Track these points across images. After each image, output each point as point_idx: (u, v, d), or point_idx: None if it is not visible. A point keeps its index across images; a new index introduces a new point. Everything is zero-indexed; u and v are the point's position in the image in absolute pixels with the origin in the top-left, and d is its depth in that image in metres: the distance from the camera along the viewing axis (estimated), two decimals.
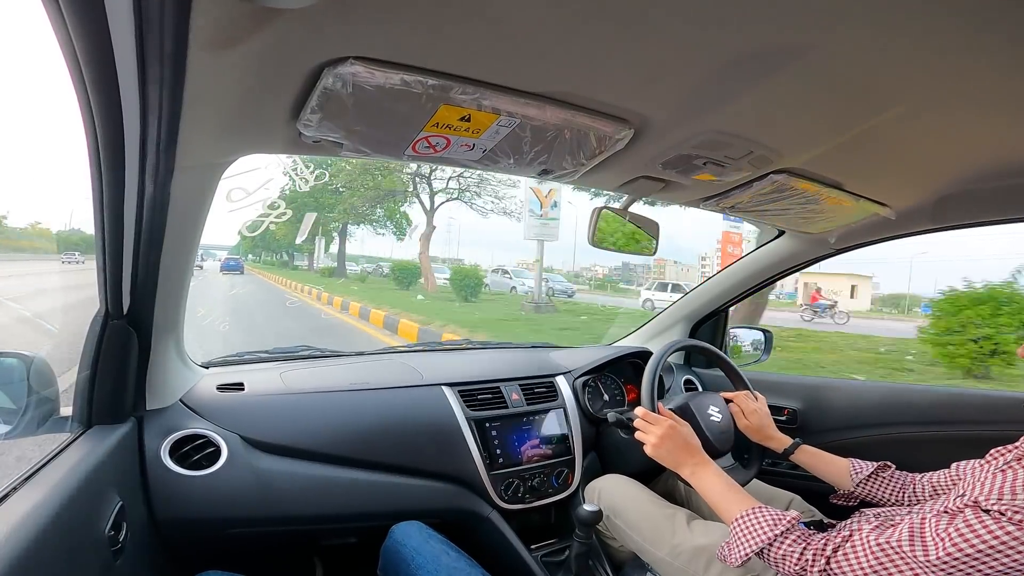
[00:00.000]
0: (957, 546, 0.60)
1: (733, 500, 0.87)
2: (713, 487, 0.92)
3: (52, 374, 0.87)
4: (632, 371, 1.59)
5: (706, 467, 0.95)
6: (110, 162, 0.61)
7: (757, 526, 0.79)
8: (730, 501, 0.87)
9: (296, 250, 24.28)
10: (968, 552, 0.60)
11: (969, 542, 0.60)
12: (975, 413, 1.23)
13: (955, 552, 0.60)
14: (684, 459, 0.97)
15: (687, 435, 1.00)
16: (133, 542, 0.81)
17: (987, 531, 0.60)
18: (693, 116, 0.74)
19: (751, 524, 0.80)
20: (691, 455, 0.97)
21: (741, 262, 1.57)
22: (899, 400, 1.36)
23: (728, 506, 0.87)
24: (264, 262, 28.24)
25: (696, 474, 0.95)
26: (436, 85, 0.61)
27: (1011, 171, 0.92)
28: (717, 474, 0.93)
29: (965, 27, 0.53)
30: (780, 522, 0.78)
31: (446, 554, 0.93)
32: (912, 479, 0.99)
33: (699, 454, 0.98)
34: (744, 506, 0.84)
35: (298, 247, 24.26)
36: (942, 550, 0.61)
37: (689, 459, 0.97)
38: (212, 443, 1.01)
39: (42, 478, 0.68)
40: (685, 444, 0.98)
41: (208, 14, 0.45)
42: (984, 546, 0.59)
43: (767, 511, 0.81)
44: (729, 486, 0.91)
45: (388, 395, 1.23)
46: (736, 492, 0.89)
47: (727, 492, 0.89)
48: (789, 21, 0.53)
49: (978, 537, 0.60)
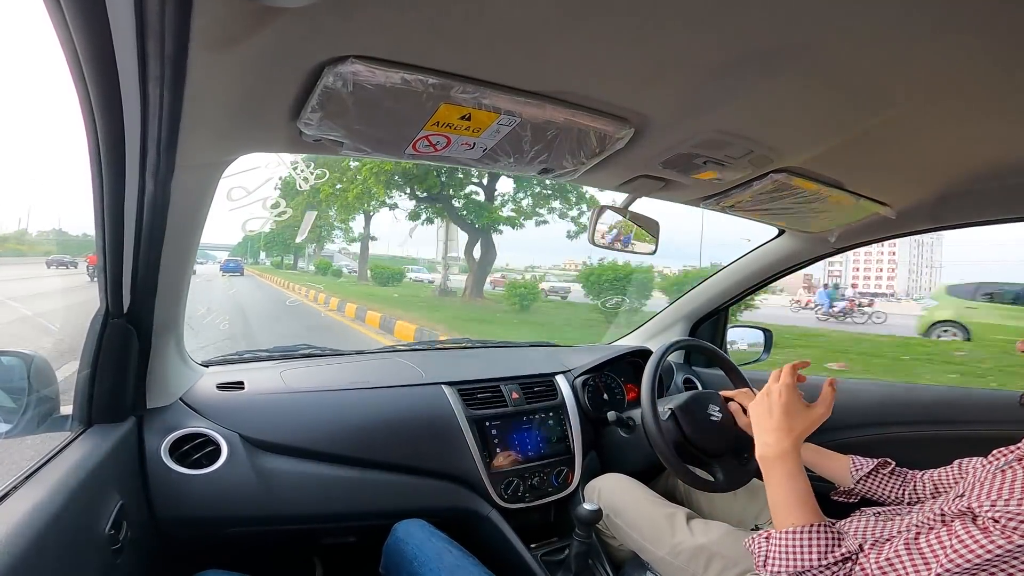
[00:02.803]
0: (952, 560, 0.61)
1: (800, 509, 0.76)
2: (786, 487, 0.79)
3: (52, 373, 0.87)
4: (632, 370, 1.59)
5: (787, 459, 0.80)
6: (110, 161, 0.61)
7: (808, 547, 0.71)
8: (795, 508, 0.76)
9: (298, 250, 24.21)
10: (963, 566, 0.60)
11: (963, 556, 0.60)
12: (976, 412, 1.23)
13: (951, 567, 0.60)
14: (775, 429, 0.83)
15: (805, 414, 0.85)
16: (133, 541, 0.81)
17: (979, 545, 0.59)
18: (693, 115, 0.74)
19: (803, 542, 0.72)
20: (790, 433, 0.82)
21: (741, 261, 1.57)
22: (899, 399, 1.36)
23: (790, 510, 0.76)
24: (275, 264, 27.35)
25: (774, 460, 0.81)
26: (437, 84, 0.60)
27: (1011, 170, 0.92)
28: (797, 475, 0.79)
29: (965, 26, 0.53)
30: (832, 552, 0.71)
31: (449, 552, 0.94)
32: (913, 476, 0.99)
33: (798, 441, 0.82)
34: (806, 518, 0.74)
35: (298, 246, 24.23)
36: (940, 566, 0.61)
37: (780, 433, 0.82)
38: (212, 442, 1.01)
39: (42, 477, 0.68)
40: (795, 415, 0.83)
41: (209, 13, 0.45)
42: (978, 560, 0.59)
43: (824, 534, 0.72)
44: (804, 493, 0.78)
45: (388, 394, 1.23)
46: (807, 503, 0.77)
47: (797, 499, 0.77)
48: (789, 20, 0.53)
49: (970, 551, 0.60)
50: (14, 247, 13.58)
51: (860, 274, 59.79)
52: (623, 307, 9.38)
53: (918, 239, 43.49)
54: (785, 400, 0.84)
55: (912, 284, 56.14)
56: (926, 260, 59.09)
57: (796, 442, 0.81)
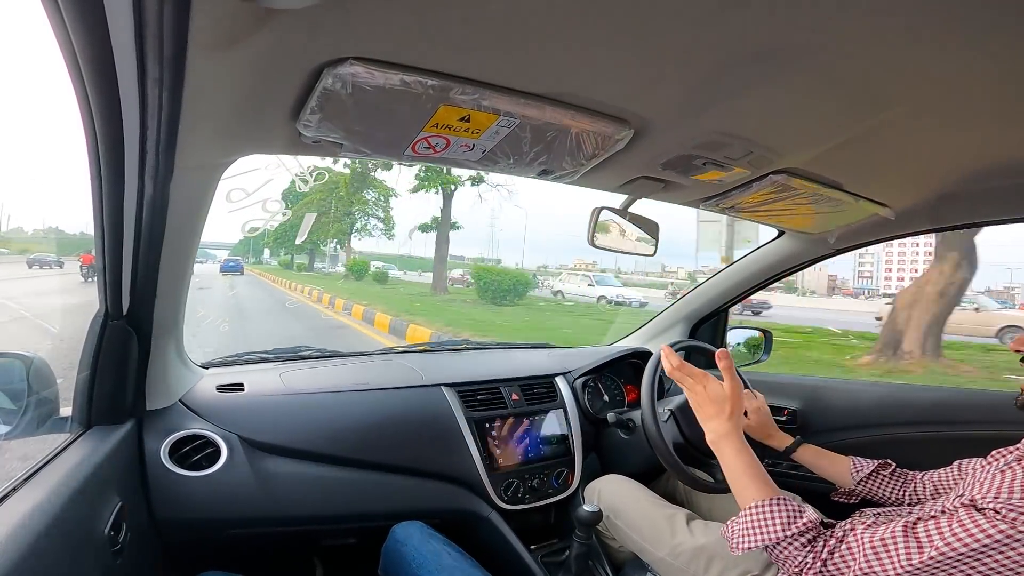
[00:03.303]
0: (949, 544, 0.60)
1: (753, 483, 0.81)
2: (736, 462, 0.84)
3: (52, 374, 0.87)
4: (632, 371, 1.59)
5: (731, 437, 0.86)
6: (110, 162, 0.61)
7: (771, 520, 0.75)
8: (749, 483, 0.81)
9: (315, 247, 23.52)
10: (960, 551, 0.60)
11: (962, 540, 0.60)
12: (976, 413, 1.23)
13: (947, 551, 0.60)
14: (713, 416, 0.88)
15: (725, 395, 0.90)
16: (133, 542, 0.81)
17: (980, 530, 0.59)
18: (693, 117, 0.74)
19: (764, 516, 0.76)
20: (723, 416, 0.88)
21: (741, 262, 1.57)
22: (899, 400, 1.36)
23: (746, 488, 0.81)
24: (283, 264, 25.99)
25: (720, 442, 0.86)
26: (436, 86, 0.60)
27: (1011, 171, 0.92)
28: (742, 450, 0.85)
29: (965, 27, 0.53)
30: (794, 522, 0.74)
31: (447, 554, 0.93)
32: (914, 477, 0.99)
33: (733, 419, 0.88)
34: (764, 493, 0.78)
35: (298, 247, 23.82)
36: (934, 549, 0.61)
37: (719, 419, 0.87)
38: (212, 443, 1.01)
39: (42, 478, 0.68)
40: (720, 401, 0.89)
41: (208, 14, 0.45)
42: (977, 544, 0.59)
43: (784, 506, 0.76)
44: (752, 466, 0.83)
45: (388, 395, 1.23)
46: (757, 475, 0.82)
47: (748, 472, 0.82)
48: (789, 22, 0.53)
49: (970, 536, 0.60)
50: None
51: (893, 273, 53.74)
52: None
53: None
54: (710, 389, 0.90)
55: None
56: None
57: (733, 420, 0.87)
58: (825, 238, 1.31)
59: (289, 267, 24.83)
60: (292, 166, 0.90)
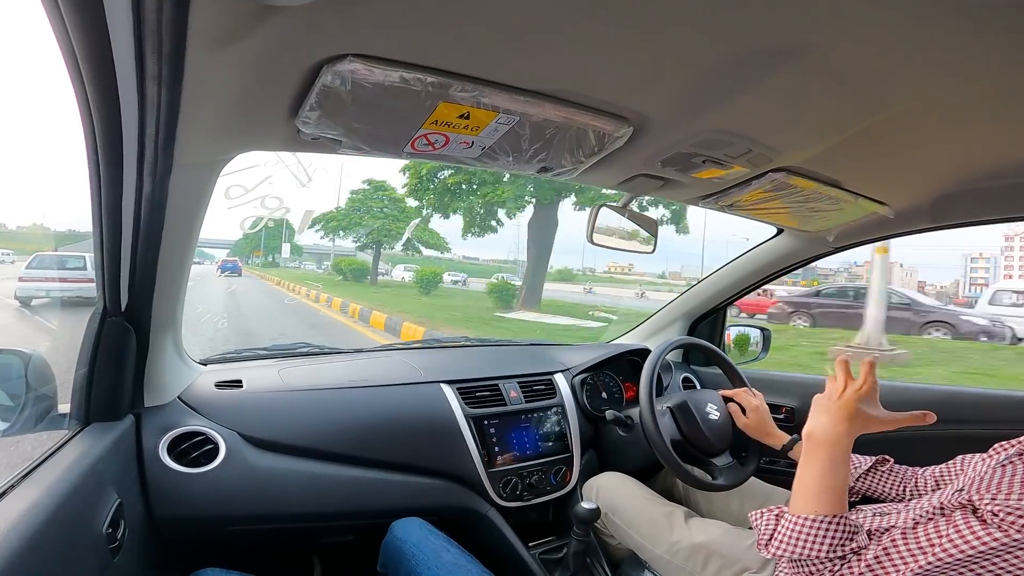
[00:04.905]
0: (946, 550, 0.61)
1: (828, 493, 0.73)
2: (822, 467, 0.75)
3: (50, 371, 0.87)
4: (631, 369, 1.59)
5: (837, 444, 0.77)
6: (108, 159, 0.61)
7: (822, 538, 0.69)
8: (825, 492, 0.73)
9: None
10: (958, 557, 0.60)
11: (958, 547, 0.60)
12: (975, 412, 1.23)
13: (944, 556, 0.60)
14: (834, 412, 0.78)
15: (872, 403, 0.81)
16: (131, 540, 0.81)
17: (975, 537, 0.59)
18: (692, 114, 0.74)
19: (818, 532, 0.69)
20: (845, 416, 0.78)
21: (740, 260, 1.57)
22: (898, 398, 1.36)
23: (818, 496, 0.73)
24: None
25: (820, 439, 0.77)
26: (435, 83, 0.60)
27: (1009, 170, 0.92)
28: (839, 461, 0.76)
29: (963, 26, 0.53)
30: (843, 546, 0.68)
31: (446, 551, 0.94)
32: (914, 473, 0.99)
33: (853, 423, 0.78)
34: (831, 509, 0.71)
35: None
36: (932, 555, 0.61)
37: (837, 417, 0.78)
38: (210, 440, 1.00)
39: (40, 475, 0.68)
40: (862, 402, 0.79)
41: (206, 11, 0.45)
42: (973, 551, 0.59)
43: (844, 527, 0.69)
44: (836, 477, 0.74)
45: (387, 392, 1.23)
46: (838, 489, 0.74)
47: (831, 482, 0.74)
48: (788, 20, 0.53)
49: (967, 543, 0.60)
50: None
51: (1015, 272, 40.48)
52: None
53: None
54: (865, 391, 0.79)
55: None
56: None
57: (851, 431, 0.77)
58: (824, 236, 1.31)
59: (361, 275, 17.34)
60: (291, 163, 0.89)
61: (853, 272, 40.70)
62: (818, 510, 0.71)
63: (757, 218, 1.25)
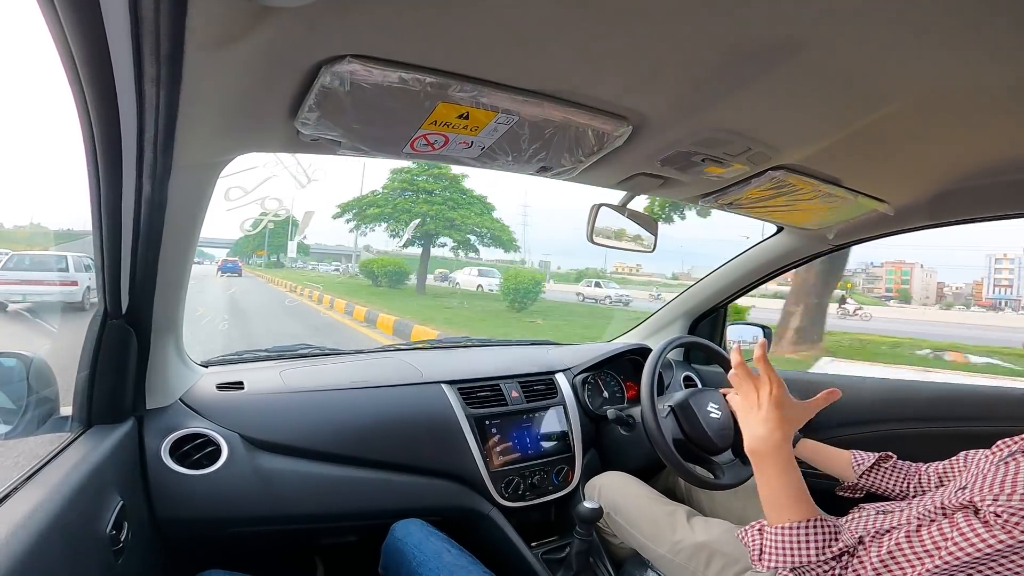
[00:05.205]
0: (952, 553, 0.60)
1: (792, 499, 0.74)
2: (776, 477, 0.76)
3: (52, 374, 0.87)
4: (631, 368, 1.59)
5: (780, 452, 0.77)
6: (107, 161, 0.61)
7: (806, 543, 0.70)
8: (789, 499, 0.74)
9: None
10: (964, 560, 0.60)
11: (963, 549, 0.60)
12: (976, 409, 1.23)
13: (949, 559, 0.60)
14: (764, 421, 0.78)
15: (788, 401, 0.81)
16: (134, 542, 0.81)
17: (979, 539, 0.59)
18: (691, 113, 0.74)
19: (800, 538, 0.70)
20: (776, 422, 0.78)
21: (740, 258, 1.57)
22: (899, 396, 1.36)
23: (783, 504, 0.74)
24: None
25: (764, 452, 0.78)
26: (434, 83, 0.60)
27: (1009, 167, 0.92)
28: (788, 467, 0.76)
29: (963, 23, 0.53)
30: (830, 547, 0.69)
31: (447, 551, 0.94)
32: (918, 470, 0.99)
33: (785, 427, 0.78)
34: (802, 513, 0.72)
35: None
36: (939, 559, 0.61)
37: (770, 425, 0.78)
38: (212, 442, 1.01)
39: (42, 478, 0.68)
40: (781, 406, 0.79)
41: (205, 12, 0.45)
42: (979, 553, 0.59)
43: (821, 529, 0.70)
44: (792, 482, 0.75)
45: (388, 393, 1.23)
46: (798, 492, 0.75)
47: (790, 488, 0.75)
48: (786, 17, 0.53)
49: (971, 545, 0.60)
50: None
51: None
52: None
53: None
54: (778, 393, 0.80)
55: None
56: None
57: (788, 435, 0.78)
58: (823, 234, 1.31)
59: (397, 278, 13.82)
60: (290, 164, 0.89)
61: (871, 272, 40.40)
62: (791, 518, 0.72)
63: (757, 216, 1.25)
